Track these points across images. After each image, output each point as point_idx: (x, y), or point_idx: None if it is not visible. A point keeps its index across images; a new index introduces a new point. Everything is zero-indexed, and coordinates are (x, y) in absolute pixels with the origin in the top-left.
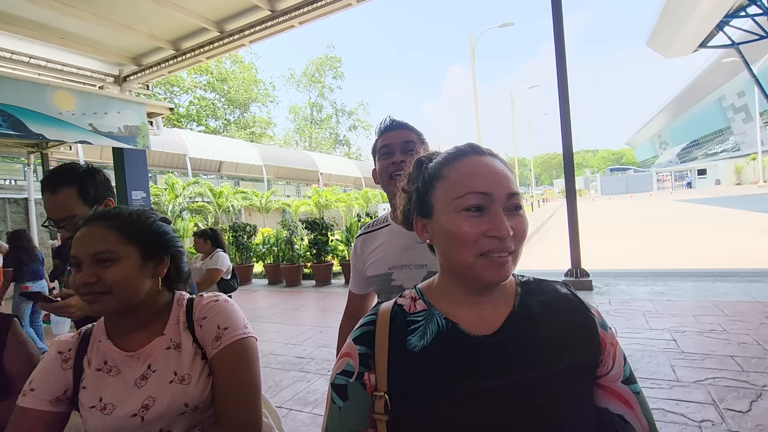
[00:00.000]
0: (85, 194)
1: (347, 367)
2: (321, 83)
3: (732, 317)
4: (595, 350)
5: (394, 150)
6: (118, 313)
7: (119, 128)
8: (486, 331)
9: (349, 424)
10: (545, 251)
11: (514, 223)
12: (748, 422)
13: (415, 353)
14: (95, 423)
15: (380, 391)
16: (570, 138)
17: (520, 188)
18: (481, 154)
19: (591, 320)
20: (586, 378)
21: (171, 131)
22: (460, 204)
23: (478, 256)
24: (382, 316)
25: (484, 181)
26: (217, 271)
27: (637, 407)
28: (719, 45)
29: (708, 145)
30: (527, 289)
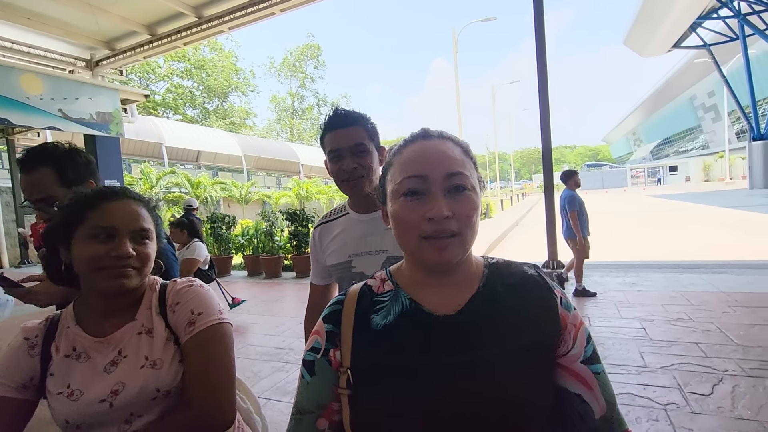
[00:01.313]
0: (64, 175)
1: (315, 344)
2: (302, 73)
3: (697, 306)
4: (554, 329)
5: (344, 155)
6: (126, 292)
7: (91, 114)
8: (449, 311)
9: (317, 397)
10: (524, 244)
11: (455, 205)
12: (710, 405)
13: (378, 331)
14: (62, 410)
15: (344, 367)
16: (549, 134)
17: (500, 182)
18: (429, 138)
19: (552, 300)
20: (545, 357)
21: (146, 119)
22: (400, 189)
23: (420, 240)
24: (351, 296)
25: (420, 164)
26: (193, 261)
27: (596, 387)
28: (692, 46)
29: (679, 142)
30: (494, 270)
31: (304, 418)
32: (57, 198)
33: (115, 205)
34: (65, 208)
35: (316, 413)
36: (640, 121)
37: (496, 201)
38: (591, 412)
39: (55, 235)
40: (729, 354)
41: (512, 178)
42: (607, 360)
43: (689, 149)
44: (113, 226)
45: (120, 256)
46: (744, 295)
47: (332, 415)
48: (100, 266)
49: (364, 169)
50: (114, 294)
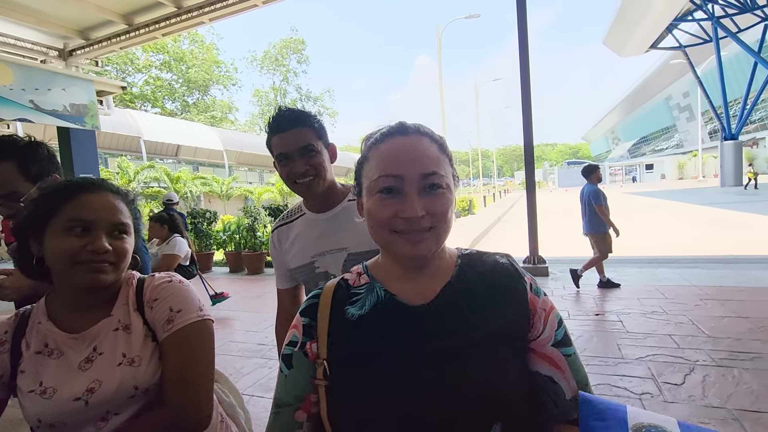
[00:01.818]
0: (27, 170)
1: (293, 338)
2: (285, 67)
3: (671, 300)
4: (524, 315)
5: (293, 157)
6: (102, 288)
7: (65, 106)
8: (422, 301)
9: (295, 389)
10: (506, 240)
11: (429, 203)
12: (682, 393)
13: (353, 321)
14: (34, 408)
15: (321, 358)
16: (531, 132)
17: (483, 179)
18: (406, 134)
19: (522, 287)
20: (515, 342)
21: (123, 112)
22: (375, 187)
23: (392, 233)
24: (327, 290)
25: (397, 163)
26: (174, 257)
27: (566, 369)
28: (668, 47)
29: (656, 141)
30: (467, 261)
31: (282, 411)
32: (21, 194)
33: (93, 197)
34: (39, 199)
35: (295, 405)
36: (618, 120)
37: (478, 197)
38: (562, 393)
39: (26, 226)
40: (700, 345)
41: (495, 174)
42: (585, 352)
43: (665, 148)
44: (90, 219)
45: (96, 251)
46: (715, 289)
47: (310, 407)
48: (75, 261)
49: (315, 170)
50: (89, 289)
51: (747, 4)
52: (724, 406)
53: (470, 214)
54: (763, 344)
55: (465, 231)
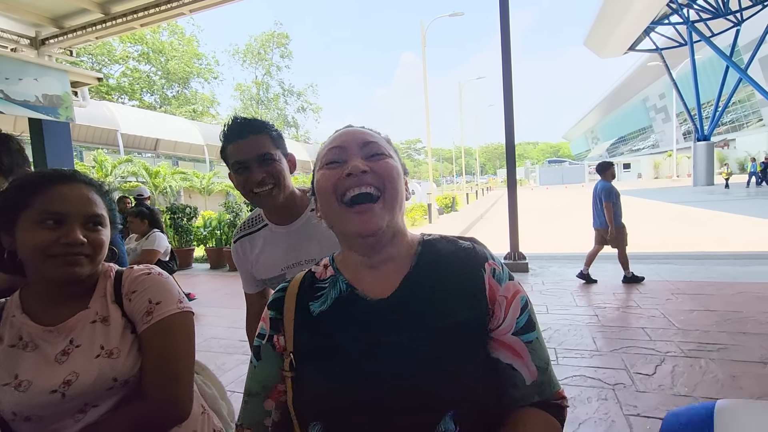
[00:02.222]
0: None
1: (261, 331)
2: (267, 61)
3: (644, 294)
4: (483, 305)
5: (250, 166)
6: (80, 280)
7: (37, 97)
8: (382, 295)
9: (264, 380)
10: (487, 236)
11: (373, 164)
12: (652, 383)
13: (316, 317)
14: (9, 401)
15: (287, 351)
16: (512, 130)
17: (466, 176)
18: (351, 128)
19: (481, 276)
20: (474, 331)
21: (100, 104)
22: (322, 163)
23: (340, 204)
24: (293, 283)
25: (340, 140)
26: (153, 252)
27: (526, 356)
28: (646, 49)
29: (633, 141)
30: (428, 248)
31: (252, 400)
32: None
33: (66, 189)
34: (9, 191)
35: (263, 395)
36: (597, 120)
37: (461, 195)
38: (522, 379)
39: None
40: (671, 337)
41: (477, 172)
42: (563, 345)
43: (642, 148)
44: (63, 211)
45: (70, 243)
46: (685, 284)
47: (279, 396)
48: (48, 254)
49: (274, 178)
50: (64, 282)
51: (720, 9)
52: (691, 394)
53: (453, 211)
54: (729, 336)
55: (448, 228)
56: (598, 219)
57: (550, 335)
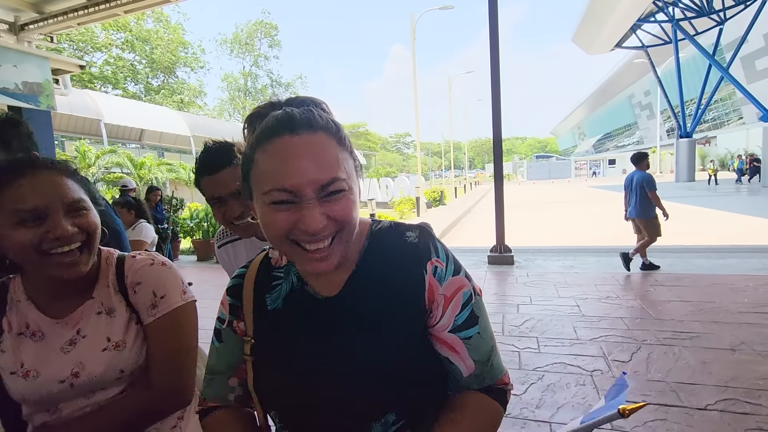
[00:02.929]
0: (7, 145)
1: (221, 315)
2: (255, 51)
3: (625, 286)
4: (421, 304)
5: (227, 200)
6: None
7: (16, 84)
8: (330, 292)
9: (226, 360)
10: (475, 230)
11: (330, 208)
12: (628, 369)
13: (270, 311)
14: (17, 388)
15: (248, 336)
16: (500, 125)
17: (455, 171)
18: (294, 132)
19: (420, 273)
20: (414, 330)
21: (82, 93)
22: (266, 199)
23: (292, 245)
24: (251, 270)
25: (288, 175)
26: (140, 243)
27: (463, 351)
28: (632, 46)
29: (618, 137)
30: (374, 242)
31: (216, 378)
32: None
33: (32, 180)
34: None
35: (227, 374)
36: (584, 116)
37: (450, 189)
38: (459, 372)
39: None
40: (647, 326)
41: (466, 166)
42: (544, 334)
43: (627, 144)
44: (40, 206)
45: (61, 238)
46: (663, 276)
47: (242, 374)
48: (41, 251)
49: (253, 211)
50: (66, 280)
51: (704, 8)
52: (664, 379)
53: (441, 204)
54: (702, 325)
55: (435, 221)
56: (635, 209)
57: (533, 325)
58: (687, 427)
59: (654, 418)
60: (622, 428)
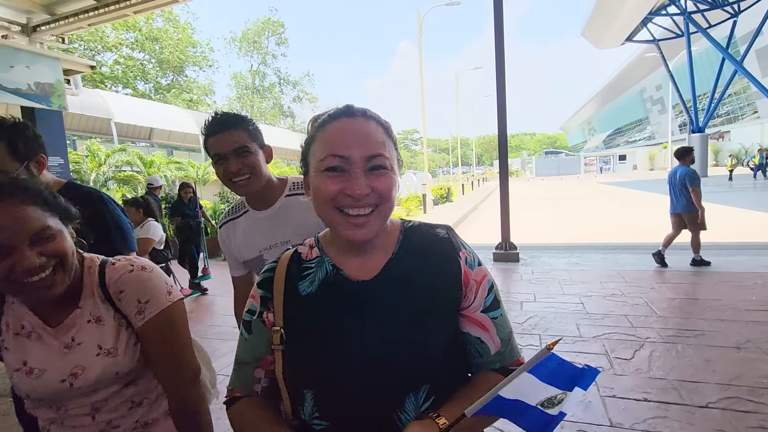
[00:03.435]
0: (15, 149)
1: (251, 307)
2: (263, 49)
3: (630, 283)
4: (456, 288)
5: (228, 157)
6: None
7: (29, 85)
8: (366, 277)
9: (254, 351)
10: (482, 227)
11: (373, 181)
12: (630, 367)
13: (303, 296)
14: (22, 386)
15: (277, 327)
16: (505, 121)
17: (462, 167)
18: (352, 116)
19: (456, 261)
20: (448, 311)
21: (93, 92)
22: (321, 165)
23: (337, 211)
24: (281, 264)
25: (342, 144)
26: (149, 241)
27: (492, 330)
28: (643, 40)
29: (629, 133)
30: (409, 235)
31: (242, 368)
32: (10, 173)
33: None
34: None
35: (253, 364)
36: (594, 111)
37: (457, 186)
38: (488, 349)
39: None
40: (651, 324)
41: (474, 163)
42: (547, 332)
43: (638, 139)
44: (2, 243)
45: (29, 270)
46: (670, 273)
47: (268, 365)
48: (12, 281)
49: (249, 169)
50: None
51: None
52: (666, 377)
53: (448, 201)
54: (707, 323)
55: (441, 219)
56: (678, 204)
57: (536, 323)
58: (687, 424)
59: (654, 416)
60: (621, 425)
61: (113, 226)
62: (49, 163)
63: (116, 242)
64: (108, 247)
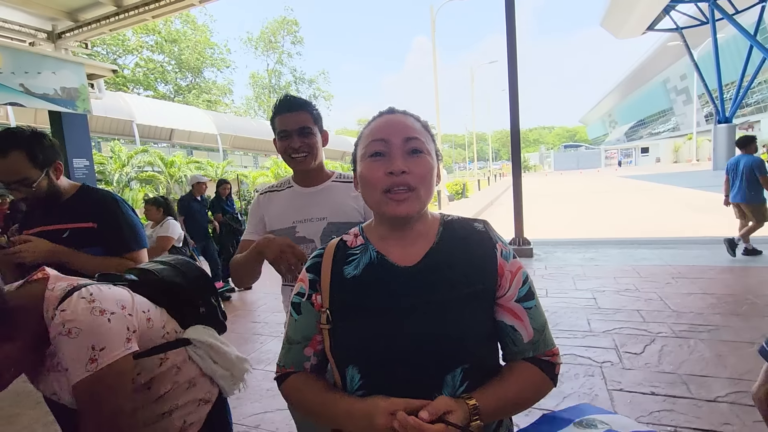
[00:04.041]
0: (34, 157)
1: (300, 290)
2: (279, 49)
3: (645, 278)
4: (493, 277)
5: (291, 135)
6: None
7: (55, 90)
8: (408, 263)
9: (304, 331)
10: (496, 223)
11: (411, 163)
12: (639, 361)
13: (349, 279)
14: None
15: (324, 308)
16: (517, 116)
17: (479, 162)
18: (393, 113)
19: (493, 253)
20: (484, 299)
21: (115, 95)
22: (367, 152)
23: (383, 193)
24: (328, 250)
25: (383, 130)
26: (168, 239)
27: (525, 319)
28: (665, 29)
29: (652, 124)
30: (448, 227)
31: (293, 347)
32: (32, 179)
33: None
34: None
35: (303, 343)
36: (615, 103)
37: (473, 181)
38: (521, 338)
39: None
40: (664, 319)
41: (490, 158)
42: (557, 326)
43: (661, 131)
44: None
45: None
46: (688, 268)
47: (316, 344)
48: None
49: (309, 148)
50: None
51: None
52: (675, 371)
53: (464, 197)
54: (722, 317)
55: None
56: (740, 193)
57: (546, 317)
58: (694, 418)
59: (660, 409)
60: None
61: (125, 224)
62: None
63: (128, 239)
64: (121, 244)
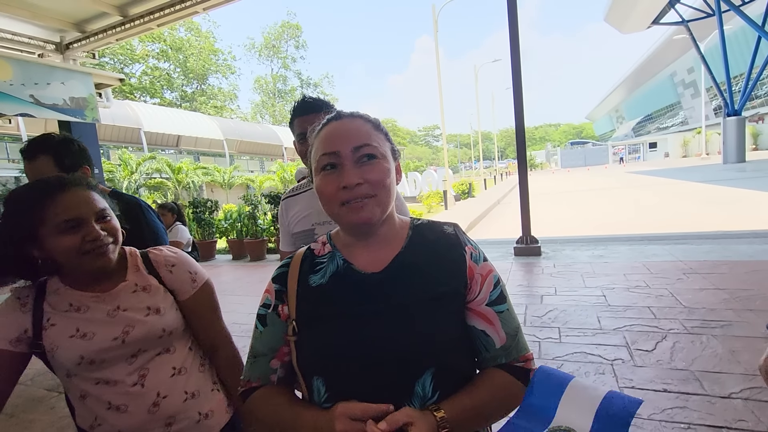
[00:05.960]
0: (61, 162)
1: (266, 301)
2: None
3: (656, 275)
4: (462, 280)
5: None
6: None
7: (64, 100)
8: (375, 269)
9: (269, 343)
10: (505, 222)
11: (365, 171)
12: (651, 359)
13: (315, 288)
14: (77, 350)
15: (291, 318)
16: (522, 115)
17: (485, 162)
18: (340, 119)
19: (462, 256)
20: (454, 303)
21: (122, 103)
22: (318, 166)
23: (340, 206)
24: (295, 260)
25: (332, 141)
26: (177, 243)
27: (497, 323)
28: (670, 22)
29: (660, 119)
30: (417, 231)
31: (258, 359)
32: None
33: (68, 196)
34: (16, 214)
35: (269, 355)
36: (622, 99)
37: (479, 181)
38: (493, 343)
39: (21, 242)
40: (676, 315)
41: (496, 157)
42: (567, 324)
43: (669, 125)
44: (78, 216)
45: (95, 239)
46: (699, 263)
47: (283, 356)
48: (81, 252)
49: None
50: (101, 270)
51: None
52: (688, 368)
53: (470, 197)
54: (735, 313)
55: (463, 215)
56: None
57: (556, 316)
58: (707, 414)
59: (673, 406)
60: (638, 416)
61: (147, 230)
62: None
63: (149, 244)
64: (142, 248)
